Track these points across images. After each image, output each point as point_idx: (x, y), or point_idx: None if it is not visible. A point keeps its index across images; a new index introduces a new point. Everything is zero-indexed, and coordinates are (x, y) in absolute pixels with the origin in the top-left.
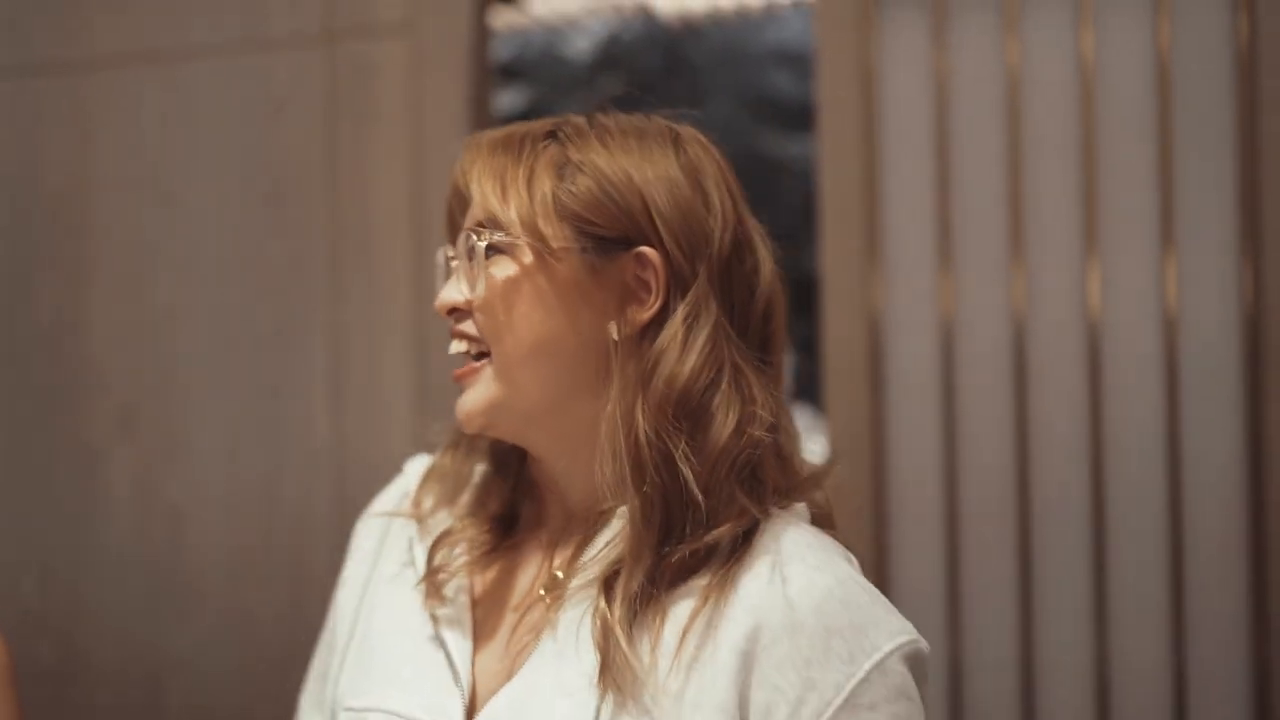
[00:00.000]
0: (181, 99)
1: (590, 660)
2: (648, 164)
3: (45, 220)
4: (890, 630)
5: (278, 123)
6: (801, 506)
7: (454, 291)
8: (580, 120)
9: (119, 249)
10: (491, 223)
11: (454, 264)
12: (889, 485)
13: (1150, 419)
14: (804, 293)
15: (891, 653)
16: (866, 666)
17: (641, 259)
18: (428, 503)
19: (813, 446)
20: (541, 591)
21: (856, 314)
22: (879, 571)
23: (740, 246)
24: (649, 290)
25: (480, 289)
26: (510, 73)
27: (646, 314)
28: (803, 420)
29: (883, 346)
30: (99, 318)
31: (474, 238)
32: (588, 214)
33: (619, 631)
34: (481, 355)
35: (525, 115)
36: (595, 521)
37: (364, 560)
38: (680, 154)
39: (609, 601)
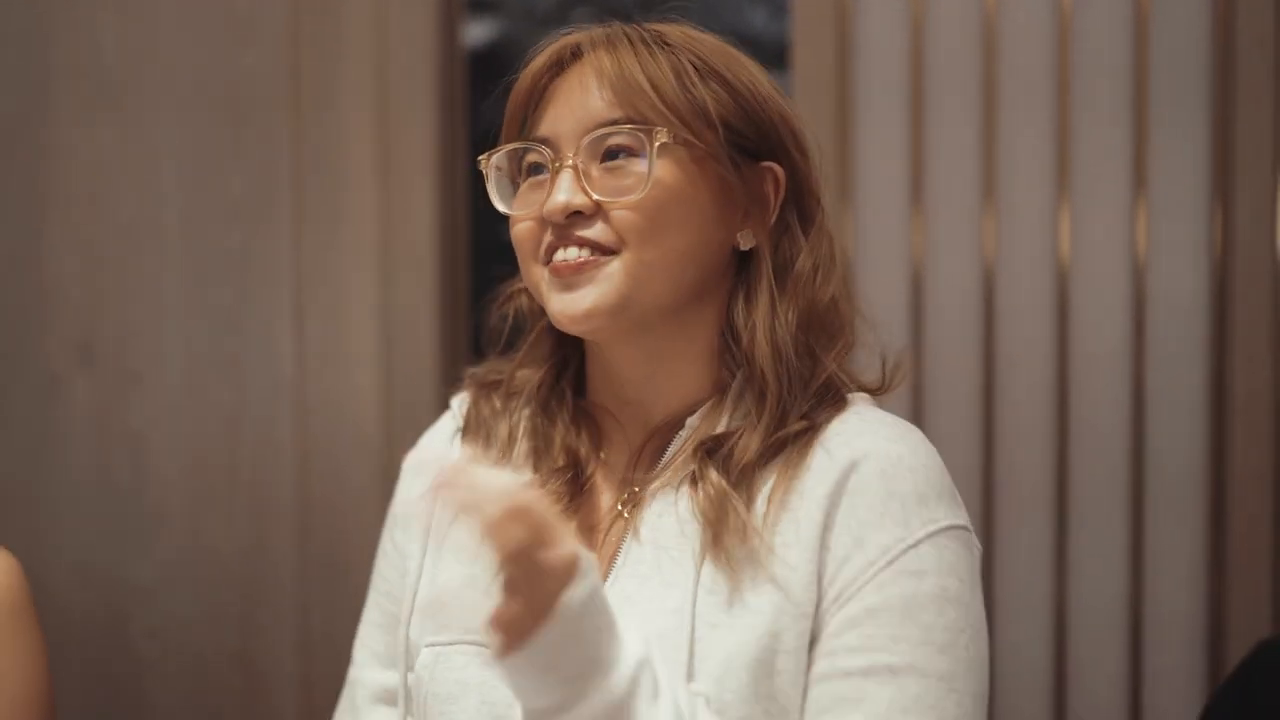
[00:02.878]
0: (142, 20)
1: (687, 541)
2: (760, 83)
3: (1, 144)
4: (953, 510)
5: (241, 45)
6: (867, 397)
7: (577, 194)
8: (671, 28)
9: (77, 174)
10: (633, 118)
11: (559, 166)
12: None
13: (1117, 362)
14: None
15: (950, 528)
16: (920, 534)
17: (771, 172)
18: (482, 452)
19: None
20: (619, 507)
21: None
22: None
23: (811, 173)
24: (768, 204)
25: (633, 187)
26: (480, 4)
27: (768, 226)
28: None
29: (853, 286)
30: (57, 244)
31: (640, 132)
32: (738, 123)
33: (734, 497)
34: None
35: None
36: (670, 431)
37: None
38: (761, 71)
39: (722, 472)
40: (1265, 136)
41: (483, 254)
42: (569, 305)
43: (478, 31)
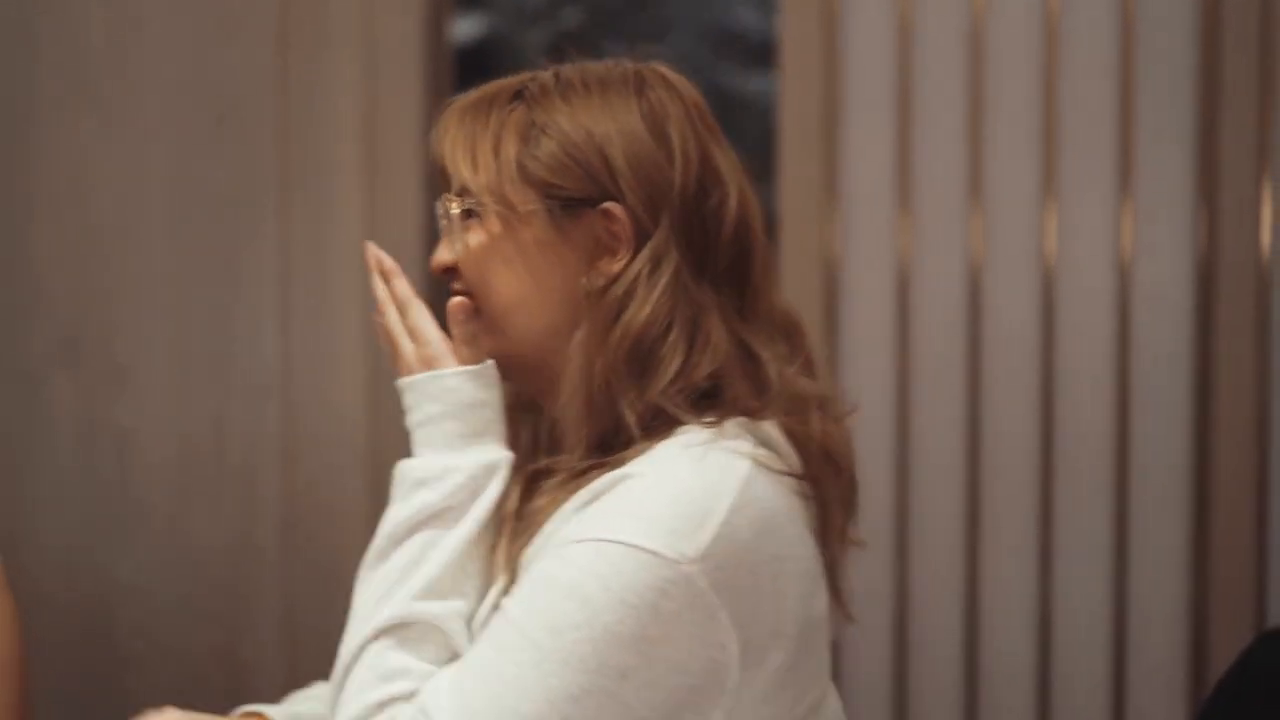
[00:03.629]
0: (128, 16)
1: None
2: (609, 118)
3: None
4: (646, 532)
5: (227, 43)
6: (736, 423)
7: (443, 252)
8: (547, 77)
9: (62, 170)
10: (463, 190)
11: (443, 224)
12: None
13: (1102, 362)
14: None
15: (628, 545)
16: (590, 536)
17: (608, 215)
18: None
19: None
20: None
21: (813, 253)
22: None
23: (705, 186)
24: (619, 243)
25: (459, 251)
26: (468, 1)
27: (616, 266)
28: None
29: (838, 286)
30: (42, 240)
31: (449, 205)
32: (552, 178)
33: (515, 524)
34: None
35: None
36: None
37: None
38: (642, 101)
39: (523, 498)
40: (1250, 138)
41: None
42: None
43: (465, 28)
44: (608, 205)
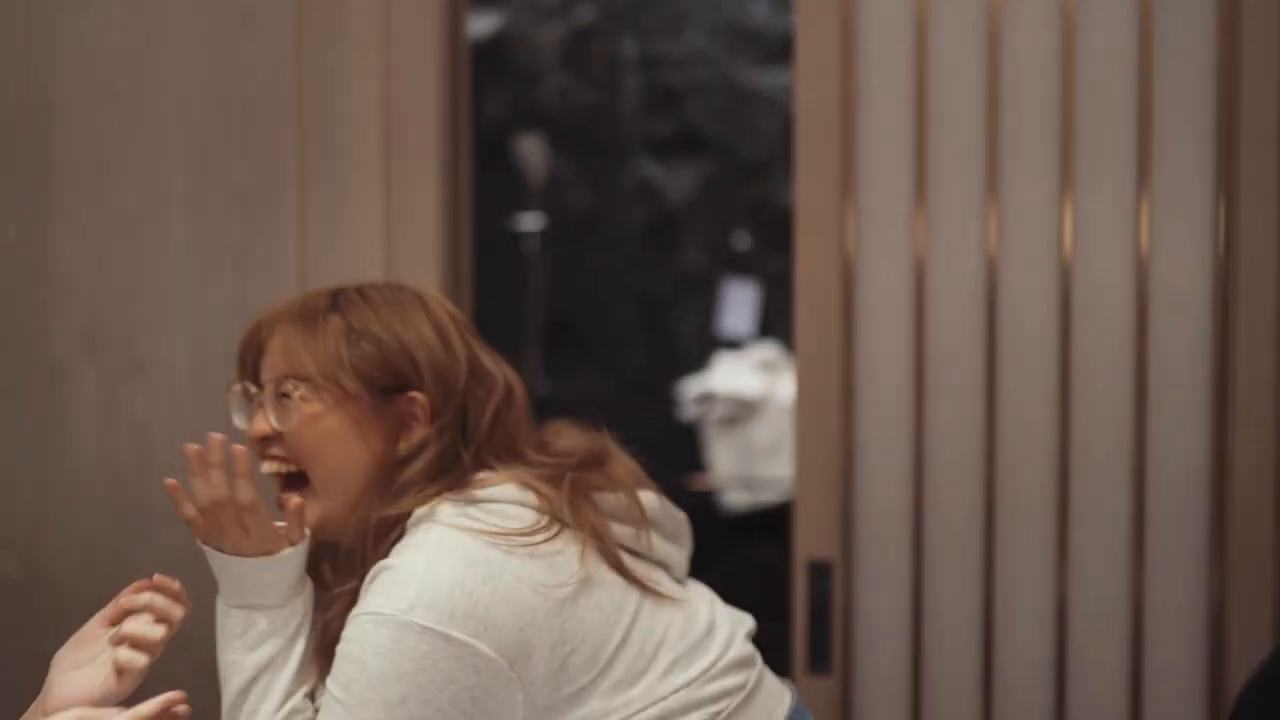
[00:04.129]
0: (147, 10)
1: None
2: (410, 329)
3: (6, 132)
4: (393, 605)
5: (244, 36)
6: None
7: (263, 423)
8: (352, 292)
9: (82, 164)
10: (295, 375)
11: (257, 398)
12: (857, 420)
13: (1120, 358)
14: (776, 225)
15: (379, 615)
16: (360, 612)
17: (413, 400)
18: None
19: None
20: None
21: (829, 248)
22: (846, 501)
23: (475, 373)
24: (418, 421)
25: (294, 422)
26: None
27: (417, 442)
28: (768, 353)
29: (855, 281)
30: (63, 234)
31: (290, 386)
32: (372, 371)
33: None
34: (293, 475)
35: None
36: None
37: None
38: (429, 315)
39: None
40: (1270, 131)
41: (484, 248)
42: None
43: (481, 24)
44: (413, 394)
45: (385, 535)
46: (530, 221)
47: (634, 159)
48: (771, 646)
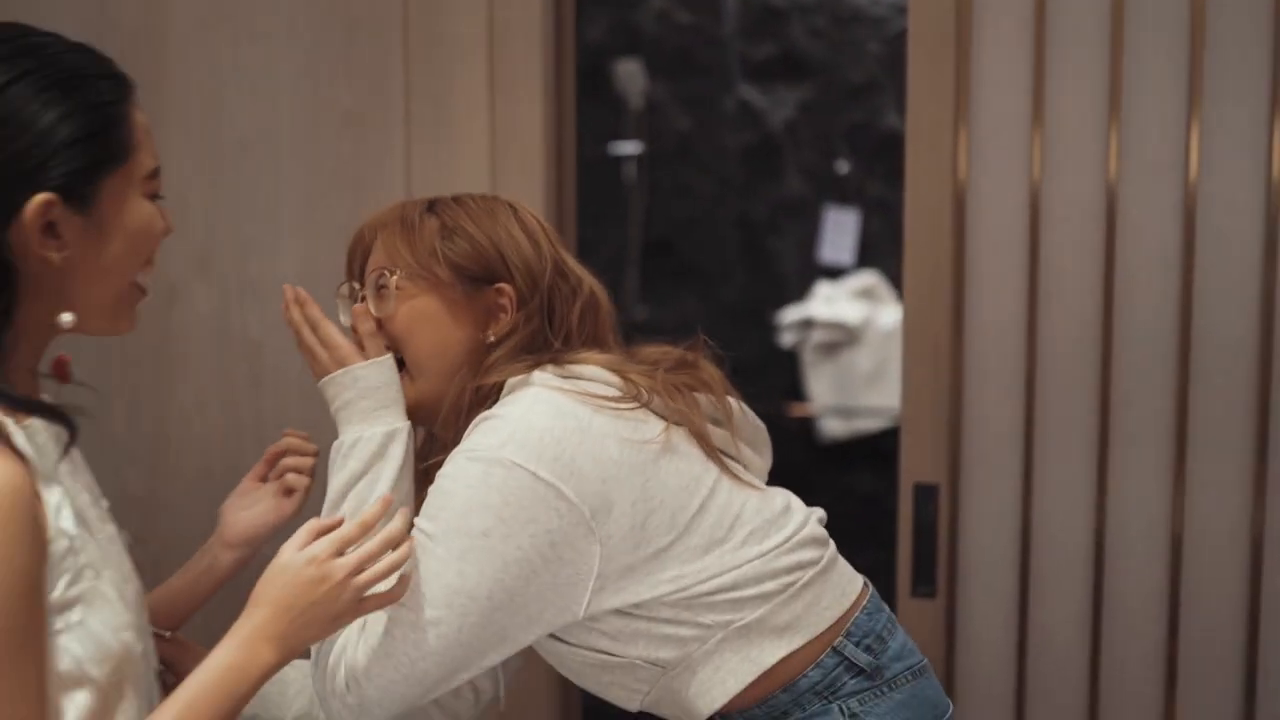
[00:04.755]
0: None
1: None
2: (500, 228)
3: (123, 58)
4: (505, 449)
5: None
6: (546, 379)
7: (370, 313)
8: (448, 199)
9: (195, 87)
10: (393, 266)
11: (361, 294)
12: (967, 344)
13: (1247, 282)
14: (878, 150)
15: (480, 458)
16: (460, 451)
17: (501, 291)
18: None
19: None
20: None
21: (941, 171)
22: (954, 424)
23: (561, 273)
24: (505, 312)
25: (390, 308)
26: None
27: (505, 327)
28: (868, 280)
29: (967, 204)
30: (177, 156)
31: (388, 275)
32: (463, 262)
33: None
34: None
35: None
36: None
37: None
38: (519, 219)
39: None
40: None
41: (584, 173)
42: None
43: None
44: (501, 285)
45: (481, 405)
46: (629, 146)
47: (734, 82)
48: (872, 572)
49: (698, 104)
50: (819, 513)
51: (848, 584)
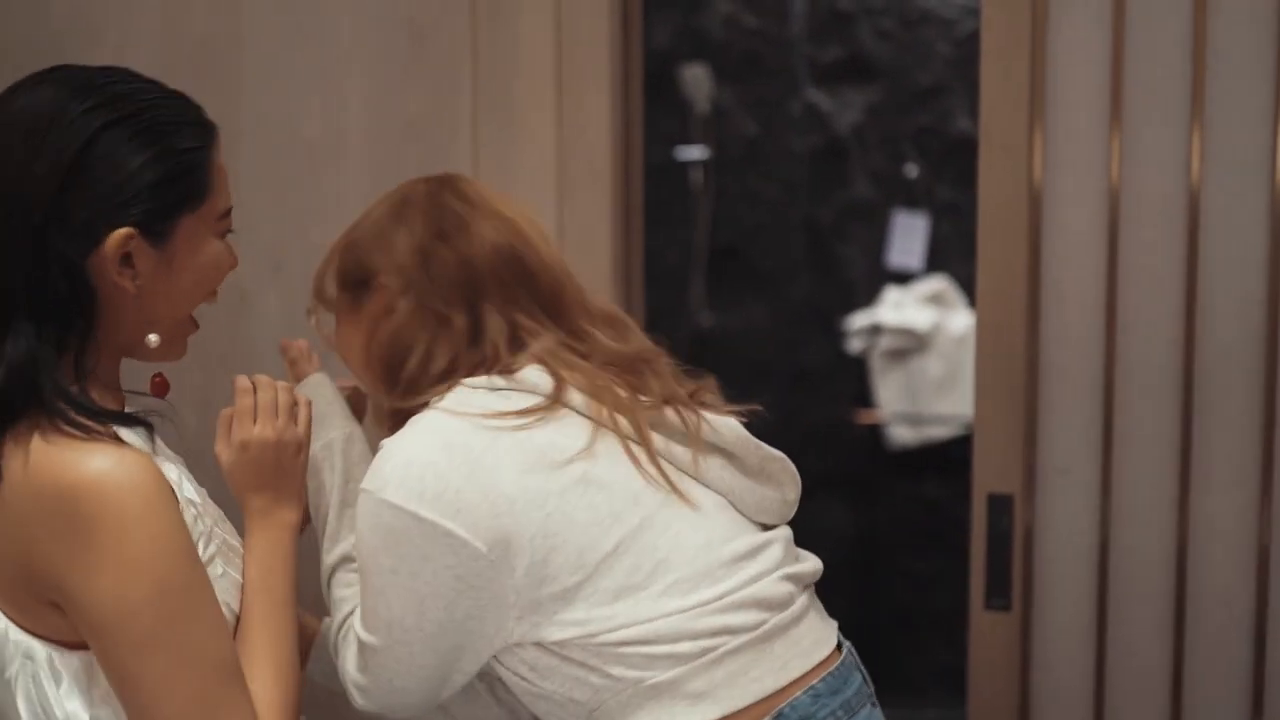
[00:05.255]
0: None
1: None
2: (369, 226)
3: (193, 69)
4: (373, 484)
5: None
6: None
7: None
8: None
9: (269, 93)
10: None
11: None
12: (1043, 353)
13: None
14: (948, 154)
15: (362, 489)
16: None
17: (382, 288)
18: None
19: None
20: None
21: (1016, 174)
22: (1028, 434)
23: (459, 256)
24: (393, 309)
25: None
26: None
27: (397, 320)
28: (938, 286)
29: (1042, 208)
30: (251, 162)
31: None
32: (343, 275)
33: None
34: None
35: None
36: None
37: None
38: (398, 210)
39: None
40: None
41: (649, 177)
42: None
43: None
44: (378, 280)
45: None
46: (695, 151)
47: (800, 86)
48: (939, 582)
49: (764, 108)
50: (800, 567)
51: (797, 656)
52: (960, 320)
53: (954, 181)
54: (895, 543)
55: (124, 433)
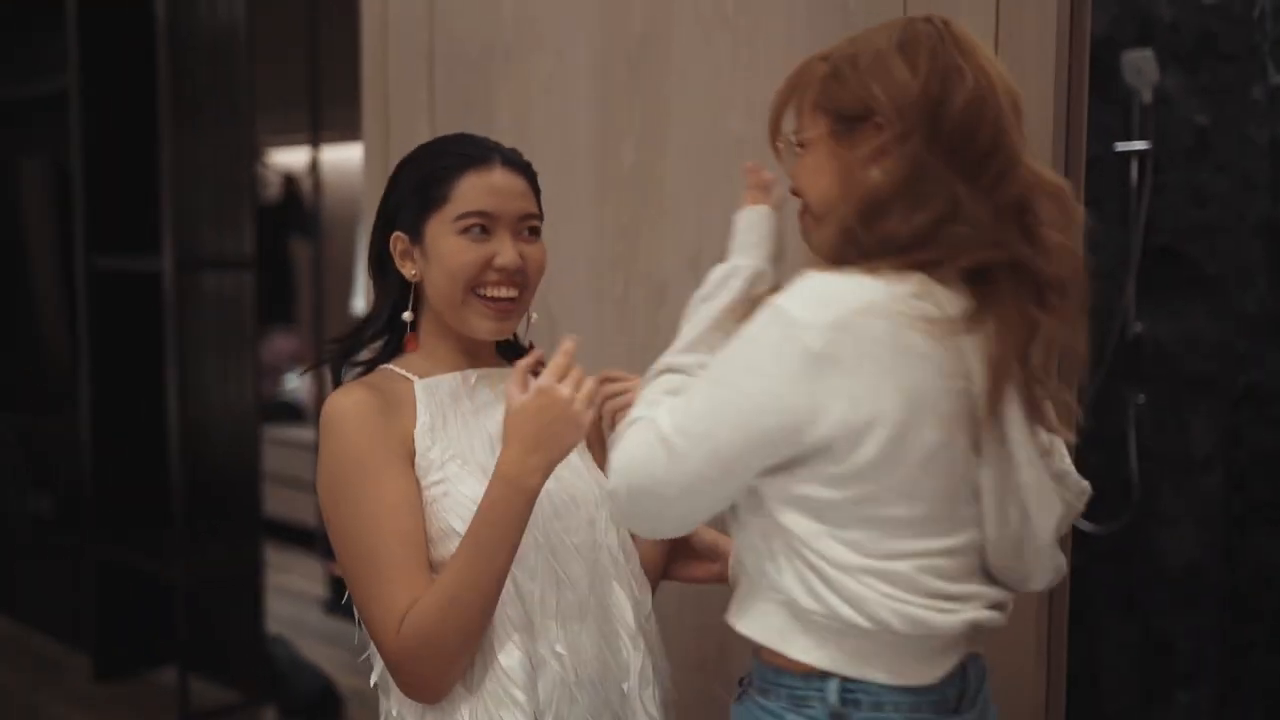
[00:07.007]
0: None
1: None
2: (877, 61)
3: (628, 63)
4: (789, 296)
5: None
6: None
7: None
8: (845, 42)
9: (693, 90)
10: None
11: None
12: None
13: None
14: None
15: (775, 301)
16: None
17: (879, 128)
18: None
19: None
20: None
21: None
22: None
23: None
24: (887, 152)
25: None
26: None
27: (890, 166)
28: None
29: None
30: (674, 160)
31: (790, 136)
32: (837, 106)
33: None
34: None
35: None
36: None
37: None
38: (903, 50)
39: None
40: None
41: (1087, 170)
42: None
43: None
44: (876, 120)
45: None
46: (1135, 144)
47: (1261, 69)
48: None
49: (1218, 95)
50: (999, 597)
51: (925, 659)
52: None
53: None
54: None
55: (417, 384)
